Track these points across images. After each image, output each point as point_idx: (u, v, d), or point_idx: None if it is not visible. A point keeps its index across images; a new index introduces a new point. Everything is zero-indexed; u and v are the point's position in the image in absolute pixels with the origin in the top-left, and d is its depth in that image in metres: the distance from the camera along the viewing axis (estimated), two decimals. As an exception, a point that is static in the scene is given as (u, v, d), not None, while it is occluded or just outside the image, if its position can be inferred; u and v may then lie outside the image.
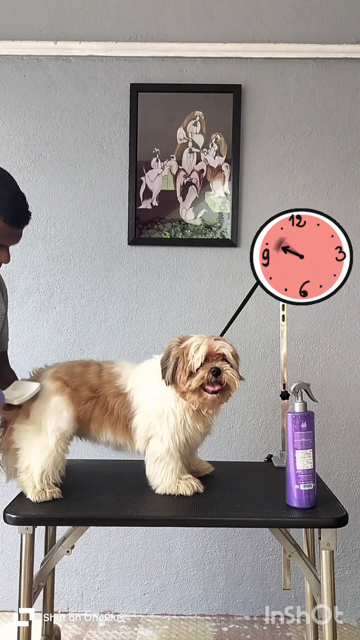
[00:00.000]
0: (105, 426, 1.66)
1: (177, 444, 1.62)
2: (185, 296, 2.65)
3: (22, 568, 1.51)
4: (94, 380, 1.67)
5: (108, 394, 1.66)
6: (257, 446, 2.57)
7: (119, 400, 1.65)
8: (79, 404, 1.65)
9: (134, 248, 2.63)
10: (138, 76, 2.60)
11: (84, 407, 1.65)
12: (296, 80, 2.60)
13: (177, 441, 1.62)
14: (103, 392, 1.66)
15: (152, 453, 1.63)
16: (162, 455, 1.62)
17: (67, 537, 1.61)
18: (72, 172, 2.63)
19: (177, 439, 1.62)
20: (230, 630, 2.59)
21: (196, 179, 2.61)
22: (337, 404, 2.66)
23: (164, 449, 1.61)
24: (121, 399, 1.65)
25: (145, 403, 1.64)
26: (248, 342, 2.59)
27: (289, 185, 2.62)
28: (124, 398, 1.65)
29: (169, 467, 1.63)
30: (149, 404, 1.63)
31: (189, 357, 1.57)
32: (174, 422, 1.61)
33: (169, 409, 1.62)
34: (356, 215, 2.62)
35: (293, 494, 1.54)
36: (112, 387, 1.66)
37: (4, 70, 2.60)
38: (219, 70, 2.60)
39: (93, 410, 1.65)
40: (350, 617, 2.69)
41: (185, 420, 1.62)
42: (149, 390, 1.64)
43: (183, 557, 2.69)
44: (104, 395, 1.65)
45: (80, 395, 1.65)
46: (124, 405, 1.65)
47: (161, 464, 1.62)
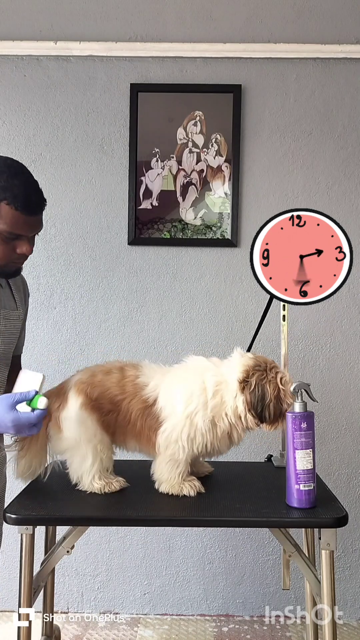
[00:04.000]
0: (129, 438, 1.66)
1: (199, 454, 1.63)
2: (185, 296, 2.65)
3: (22, 568, 1.51)
4: (115, 390, 1.64)
5: (132, 406, 1.63)
6: (257, 446, 2.57)
7: (145, 412, 1.62)
8: (101, 415, 1.63)
9: (134, 248, 2.64)
10: (138, 76, 2.60)
11: (106, 419, 1.64)
12: (296, 80, 2.60)
13: (200, 451, 1.62)
14: (125, 405, 1.63)
15: (169, 456, 1.61)
16: (179, 460, 1.61)
17: (67, 537, 1.61)
18: (72, 172, 2.63)
19: (204, 450, 1.62)
20: (230, 630, 2.59)
21: (196, 179, 2.61)
22: (337, 404, 2.66)
23: (184, 456, 1.61)
24: (148, 410, 1.62)
25: (184, 413, 1.60)
26: (248, 342, 2.59)
27: (289, 185, 2.62)
28: (151, 409, 1.62)
29: (178, 470, 1.63)
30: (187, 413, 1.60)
31: (285, 399, 1.57)
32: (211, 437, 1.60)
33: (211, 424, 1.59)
34: (356, 215, 2.62)
35: (293, 494, 1.54)
36: (137, 400, 1.63)
37: (4, 70, 2.60)
38: (219, 70, 2.60)
39: (115, 423, 1.64)
40: (350, 617, 2.70)
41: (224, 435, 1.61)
42: (191, 401, 1.60)
43: (183, 557, 2.69)
44: (127, 407, 1.63)
45: (101, 407, 1.63)
46: (150, 416, 1.62)
47: (174, 466, 1.62)
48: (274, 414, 1.57)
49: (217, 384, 1.60)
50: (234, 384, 1.58)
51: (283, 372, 1.61)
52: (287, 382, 1.58)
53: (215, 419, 1.59)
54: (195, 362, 1.69)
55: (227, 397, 1.59)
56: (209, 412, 1.59)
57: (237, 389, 1.57)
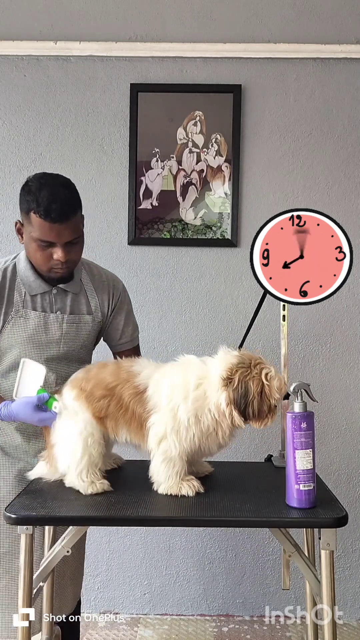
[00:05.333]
0: (120, 424, 1.66)
1: (191, 450, 1.63)
2: (185, 296, 2.65)
3: (22, 568, 1.51)
4: (109, 379, 1.66)
5: (124, 390, 1.64)
6: (257, 446, 2.57)
7: (135, 398, 1.64)
8: (93, 402, 1.65)
9: (134, 248, 2.63)
10: (138, 76, 2.60)
11: (98, 405, 1.65)
12: (296, 80, 2.60)
13: (191, 448, 1.62)
14: (119, 390, 1.65)
15: (162, 453, 1.62)
16: (173, 458, 1.61)
17: (67, 537, 1.61)
18: (72, 172, 2.62)
19: (193, 446, 1.62)
20: (230, 630, 2.60)
21: (196, 179, 2.61)
22: (337, 404, 2.66)
23: (177, 453, 1.61)
24: (138, 397, 1.64)
25: (167, 406, 1.61)
26: (248, 342, 2.58)
27: (289, 185, 2.62)
28: (141, 396, 1.63)
29: (174, 469, 1.62)
30: (171, 406, 1.60)
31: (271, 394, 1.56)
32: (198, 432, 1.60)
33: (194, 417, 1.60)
34: (356, 215, 2.62)
35: (293, 494, 1.54)
36: (129, 385, 1.65)
37: (4, 70, 2.61)
38: (219, 70, 2.60)
39: (108, 407, 1.65)
40: (350, 617, 2.70)
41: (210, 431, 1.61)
42: (173, 394, 1.61)
43: (183, 557, 2.69)
44: (120, 392, 1.64)
45: (94, 395, 1.65)
46: (140, 404, 1.63)
47: (169, 465, 1.62)
48: (259, 410, 1.57)
49: (199, 378, 1.61)
50: (217, 379, 1.58)
51: (269, 367, 1.59)
52: (273, 378, 1.57)
53: (199, 413, 1.60)
54: (184, 359, 1.70)
55: (209, 392, 1.60)
56: (190, 405, 1.59)
57: (220, 386, 1.58)
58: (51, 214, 1.68)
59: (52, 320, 1.83)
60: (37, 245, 1.74)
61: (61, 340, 1.85)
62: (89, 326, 1.90)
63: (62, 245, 1.73)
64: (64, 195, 1.72)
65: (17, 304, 1.81)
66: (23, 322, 1.81)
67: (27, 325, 1.81)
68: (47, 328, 1.83)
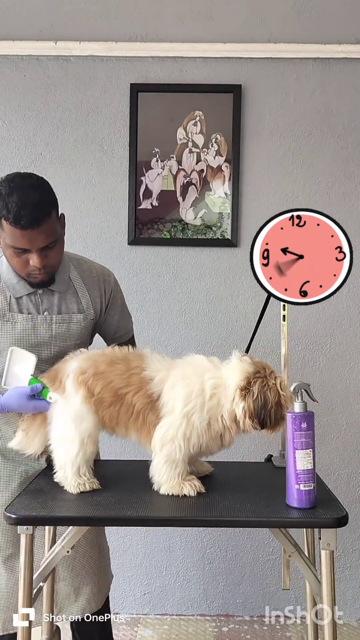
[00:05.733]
0: (130, 430, 1.65)
1: (194, 452, 1.63)
2: (185, 296, 2.65)
3: (22, 568, 1.51)
4: (119, 383, 1.63)
5: (137, 399, 1.62)
6: (257, 446, 2.56)
7: (148, 406, 1.61)
8: (102, 408, 1.62)
9: (133, 248, 2.63)
10: (138, 76, 2.60)
11: (108, 412, 1.63)
12: (296, 80, 2.60)
13: (195, 451, 1.62)
14: (129, 397, 1.62)
15: (166, 455, 1.61)
16: (176, 460, 1.61)
17: (67, 537, 1.61)
18: (72, 172, 2.63)
19: (197, 449, 1.62)
20: (230, 630, 2.60)
21: (196, 179, 2.61)
22: (337, 404, 2.66)
23: (181, 456, 1.60)
24: (151, 405, 1.61)
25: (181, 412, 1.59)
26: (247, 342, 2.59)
27: (289, 185, 2.62)
28: (154, 404, 1.61)
29: (177, 470, 1.62)
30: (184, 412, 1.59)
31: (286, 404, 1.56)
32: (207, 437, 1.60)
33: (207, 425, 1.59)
34: (356, 215, 2.62)
35: (293, 494, 1.54)
36: (143, 393, 1.62)
37: (4, 70, 2.61)
38: (219, 70, 2.60)
39: (118, 416, 1.63)
40: (350, 617, 2.70)
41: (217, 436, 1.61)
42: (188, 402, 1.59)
43: (183, 557, 2.69)
44: (132, 400, 1.62)
45: (103, 401, 1.62)
46: (153, 411, 1.61)
47: (172, 466, 1.62)
48: (275, 419, 1.57)
49: (215, 386, 1.60)
50: (233, 388, 1.58)
51: (281, 376, 1.61)
52: (286, 387, 1.58)
53: (211, 420, 1.59)
54: (197, 362, 1.68)
55: (224, 401, 1.59)
56: (205, 414, 1.59)
57: (237, 396, 1.57)
58: (21, 220, 1.60)
59: (40, 322, 1.79)
60: (13, 252, 1.67)
61: (52, 342, 1.80)
62: (81, 325, 1.85)
63: (37, 251, 1.66)
64: (34, 198, 1.63)
65: (3, 308, 1.76)
66: (10, 325, 1.77)
67: (15, 328, 1.77)
68: (35, 330, 1.78)
